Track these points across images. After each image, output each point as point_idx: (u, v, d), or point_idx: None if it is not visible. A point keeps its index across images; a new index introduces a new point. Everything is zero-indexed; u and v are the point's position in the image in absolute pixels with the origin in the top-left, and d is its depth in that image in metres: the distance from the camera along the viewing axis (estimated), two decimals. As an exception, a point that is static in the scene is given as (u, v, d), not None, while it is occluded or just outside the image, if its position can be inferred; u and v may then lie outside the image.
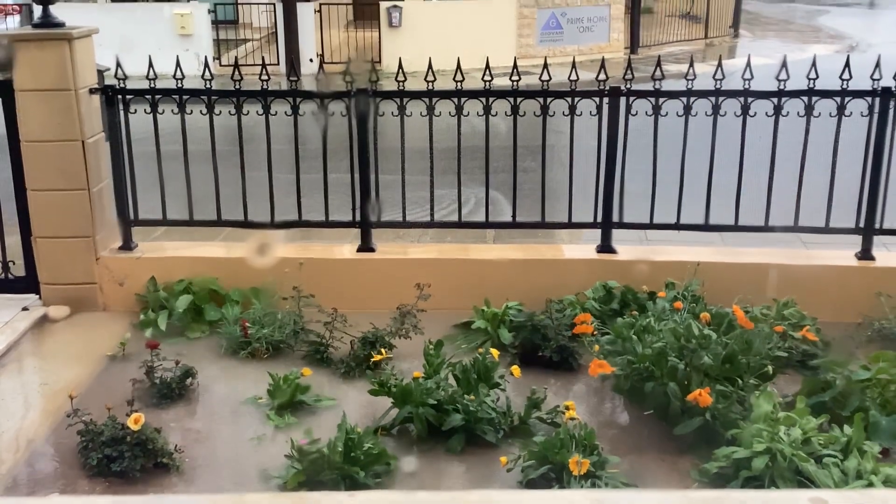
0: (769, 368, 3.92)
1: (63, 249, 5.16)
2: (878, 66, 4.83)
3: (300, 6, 16.03)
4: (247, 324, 4.75)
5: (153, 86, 5.09)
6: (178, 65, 5.03)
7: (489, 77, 5.01)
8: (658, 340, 4.01)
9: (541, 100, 5.06)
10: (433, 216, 5.43)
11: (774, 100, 4.91)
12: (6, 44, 4.92)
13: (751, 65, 4.88)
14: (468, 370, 4.04)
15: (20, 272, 5.27)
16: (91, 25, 5.20)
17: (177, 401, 4.23)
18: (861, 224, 5.10)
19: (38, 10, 4.96)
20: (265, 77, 5.06)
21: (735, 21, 22.41)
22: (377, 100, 5.09)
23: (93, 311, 5.22)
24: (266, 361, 4.62)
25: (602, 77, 4.96)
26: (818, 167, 5.02)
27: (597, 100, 5.01)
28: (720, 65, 4.94)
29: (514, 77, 5.06)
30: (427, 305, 4.61)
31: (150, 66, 5.00)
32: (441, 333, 4.68)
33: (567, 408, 3.72)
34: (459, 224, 5.58)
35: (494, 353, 4.13)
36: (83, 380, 4.46)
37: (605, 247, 5.26)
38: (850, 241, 5.16)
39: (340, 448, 3.50)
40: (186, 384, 4.30)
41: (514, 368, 4.10)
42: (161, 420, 3.99)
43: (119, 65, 5.04)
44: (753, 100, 4.92)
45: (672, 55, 17.49)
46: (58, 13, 4.99)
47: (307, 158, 5.24)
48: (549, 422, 3.90)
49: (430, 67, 5.00)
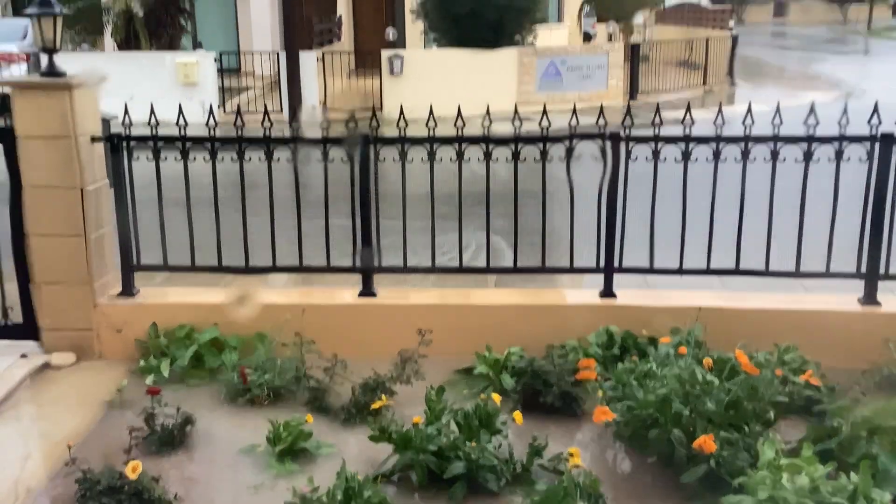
0: (771, 414, 3.88)
1: (62, 295, 5.15)
2: (876, 112, 4.87)
3: (303, 55, 16.26)
4: (246, 371, 4.73)
5: (155, 133, 5.13)
6: (181, 112, 5.08)
7: (489, 122, 5.05)
8: (662, 386, 3.98)
9: (541, 145, 5.09)
10: (434, 261, 5.43)
11: (773, 145, 4.94)
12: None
13: (751, 111, 4.92)
14: (470, 416, 4.00)
15: (18, 318, 5.24)
16: (98, 74, 5.26)
17: (176, 448, 4.18)
18: (863, 269, 5.09)
19: (45, 60, 5.02)
20: (267, 123, 5.11)
21: (731, 69, 22.68)
22: (378, 146, 5.13)
23: (90, 359, 5.18)
24: (266, 408, 4.58)
25: (602, 122, 5.00)
26: (819, 212, 5.03)
27: (599, 143, 5.04)
28: (720, 111, 4.98)
29: (516, 122, 5.10)
30: (428, 351, 4.58)
31: (152, 113, 5.04)
32: (442, 379, 4.64)
33: (571, 455, 3.68)
34: (461, 269, 5.58)
35: (496, 399, 4.10)
36: (81, 428, 4.42)
37: (608, 292, 5.25)
38: (851, 286, 5.14)
39: (340, 497, 3.45)
40: (186, 431, 4.26)
41: (517, 414, 4.06)
42: (160, 468, 3.94)
43: (126, 112, 5.08)
44: (754, 145, 4.95)
45: (670, 102, 17.66)
46: (66, 62, 5.06)
47: (309, 204, 5.26)
48: (552, 469, 3.85)
49: (431, 113, 5.04)
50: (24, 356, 5.13)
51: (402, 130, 5.09)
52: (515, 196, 5.25)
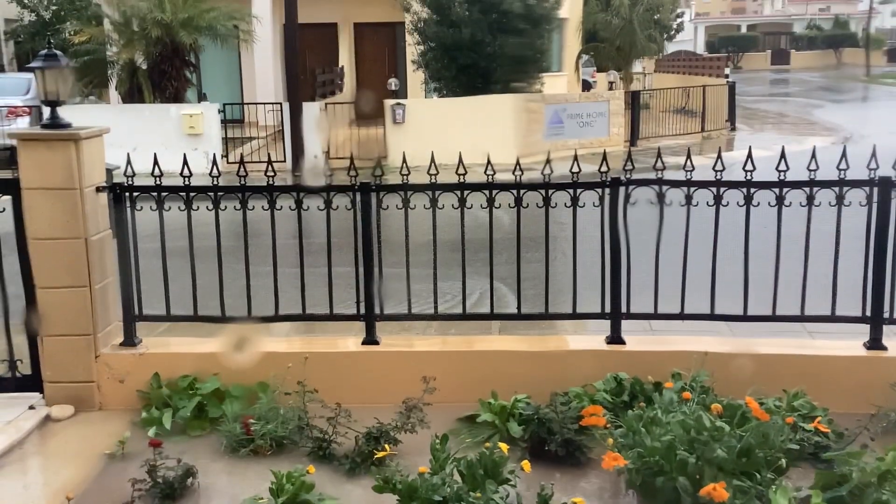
0: (783, 462, 3.82)
1: (65, 347, 5.13)
2: (874, 156, 4.90)
3: (305, 105, 16.43)
4: (250, 421, 4.68)
5: (159, 183, 5.16)
6: (186, 162, 5.11)
7: (492, 171, 5.09)
8: (666, 433, 3.93)
9: (543, 192, 5.11)
10: (437, 308, 5.42)
11: (776, 190, 4.96)
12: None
13: (752, 156, 4.94)
14: (474, 466, 3.94)
15: (28, 370, 5.22)
16: (102, 125, 5.31)
17: (177, 501, 4.12)
18: (868, 313, 5.07)
19: (47, 111, 5.07)
20: (271, 173, 5.14)
21: (731, 115, 22.89)
22: (381, 194, 5.15)
23: (90, 410, 5.15)
24: (269, 458, 4.53)
25: (604, 168, 5.03)
26: (822, 256, 5.03)
27: (599, 191, 5.07)
28: (720, 156, 5.01)
29: (517, 172, 5.13)
30: (432, 398, 4.54)
31: (156, 164, 5.07)
32: (446, 427, 4.60)
33: (575, 504, 3.62)
34: (464, 316, 5.56)
35: (503, 448, 4.04)
36: (81, 480, 4.36)
37: (615, 338, 5.22)
38: (855, 330, 5.12)
39: (345, 549, 3.39)
40: (187, 484, 4.20)
41: (525, 463, 4.00)
42: (160, 521, 3.89)
43: (129, 163, 5.12)
44: (756, 190, 4.97)
45: (669, 148, 17.78)
46: (71, 114, 5.10)
47: (311, 252, 5.27)
48: (559, 520, 3.78)
49: (433, 161, 5.07)
50: (32, 408, 5.10)
51: (405, 178, 5.12)
52: (518, 242, 5.25)
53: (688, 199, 5.02)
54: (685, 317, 5.20)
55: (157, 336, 5.76)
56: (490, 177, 5.11)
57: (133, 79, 18.22)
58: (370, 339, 5.29)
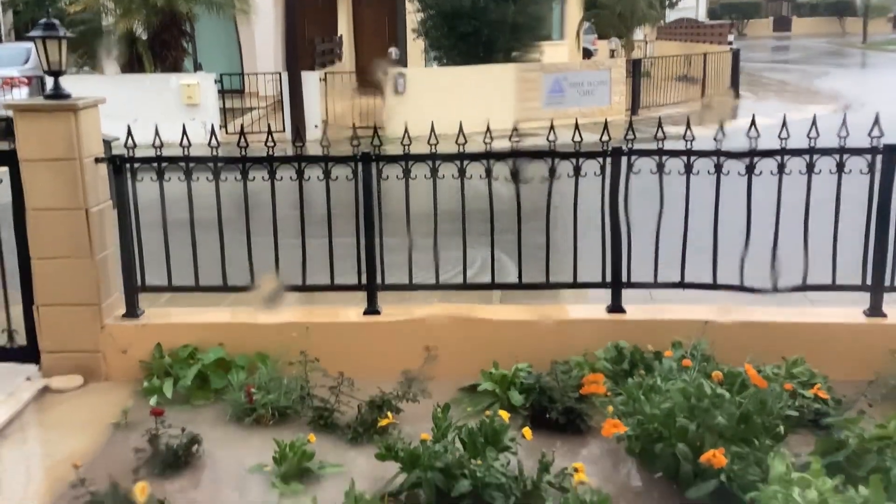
0: (781, 428, 3.85)
1: (67, 317, 5.15)
2: (878, 123, 4.87)
3: (305, 75, 16.33)
4: (252, 390, 4.71)
5: (159, 154, 5.14)
6: (185, 133, 5.09)
7: (489, 139, 5.06)
8: (665, 400, 3.96)
9: (548, 160, 5.09)
10: (438, 278, 5.42)
11: (777, 158, 4.94)
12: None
13: (755, 123, 4.91)
14: (474, 433, 3.97)
15: (23, 341, 5.24)
16: (98, 96, 5.28)
17: (182, 469, 4.16)
18: (868, 281, 5.07)
19: (50, 82, 5.05)
20: (271, 143, 5.12)
21: (735, 82, 22.74)
22: (382, 164, 5.13)
23: (97, 381, 5.18)
24: (272, 428, 4.56)
25: (605, 138, 5.01)
26: (822, 224, 5.02)
27: (600, 160, 5.05)
28: (721, 126, 4.98)
29: (515, 139, 5.11)
30: (433, 368, 4.56)
31: (157, 135, 5.06)
32: (448, 396, 4.62)
33: (576, 470, 3.65)
34: (465, 286, 5.57)
35: (504, 416, 4.07)
36: (87, 450, 4.40)
37: (616, 307, 5.24)
38: (855, 298, 5.12)
39: (348, 516, 3.43)
40: (192, 452, 4.24)
41: (526, 430, 4.03)
42: (165, 490, 3.92)
43: (130, 134, 5.10)
44: (759, 159, 4.95)
45: (670, 116, 17.66)
46: (68, 84, 5.07)
47: (312, 223, 5.26)
48: (558, 486, 3.82)
49: (433, 130, 5.05)
50: (29, 379, 5.13)
51: (406, 148, 5.10)
52: (518, 211, 5.25)
53: (688, 169, 5.01)
54: (686, 285, 5.21)
55: (159, 307, 5.78)
56: (488, 145, 5.08)
57: (132, 49, 18.08)
58: (371, 309, 5.30)
